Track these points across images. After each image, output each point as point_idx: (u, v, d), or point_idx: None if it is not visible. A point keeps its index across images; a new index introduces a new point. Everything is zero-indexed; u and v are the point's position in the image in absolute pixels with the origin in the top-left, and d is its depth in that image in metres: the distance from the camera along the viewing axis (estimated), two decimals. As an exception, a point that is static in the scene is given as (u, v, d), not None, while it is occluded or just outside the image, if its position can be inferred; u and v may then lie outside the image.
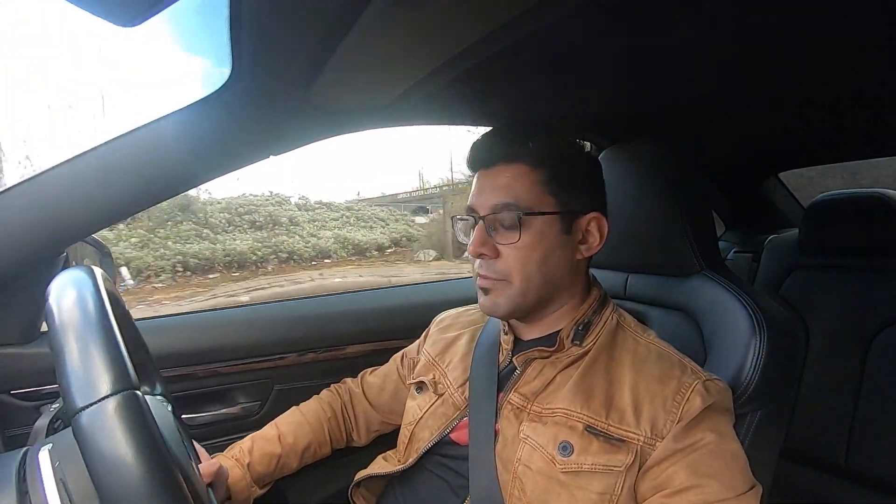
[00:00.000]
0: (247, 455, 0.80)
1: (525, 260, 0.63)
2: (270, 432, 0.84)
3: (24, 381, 0.81)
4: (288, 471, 0.84)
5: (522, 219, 0.62)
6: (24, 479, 0.42)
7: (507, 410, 0.67)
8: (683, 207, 0.79)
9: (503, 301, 0.65)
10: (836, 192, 1.27)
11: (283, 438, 0.83)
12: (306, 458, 0.85)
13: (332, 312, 1.15)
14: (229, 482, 0.75)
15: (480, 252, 0.64)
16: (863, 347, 1.17)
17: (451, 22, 0.53)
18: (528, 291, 0.65)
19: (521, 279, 0.64)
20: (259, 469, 0.80)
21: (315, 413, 0.88)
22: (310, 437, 0.85)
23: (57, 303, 0.42)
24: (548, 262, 0.64)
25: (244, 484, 0.77)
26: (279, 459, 0.82)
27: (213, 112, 0.75)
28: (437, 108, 0.91)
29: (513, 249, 0.63)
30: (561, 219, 0.65)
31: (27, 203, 0.71)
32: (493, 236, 0.65)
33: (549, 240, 0.64)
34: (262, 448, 0.81)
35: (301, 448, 0.84)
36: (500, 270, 0.64)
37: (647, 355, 0.64)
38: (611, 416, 0.60)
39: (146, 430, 0.36)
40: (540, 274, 0.64)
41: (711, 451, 0.56)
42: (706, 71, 0.79)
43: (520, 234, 0.62)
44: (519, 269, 0.64)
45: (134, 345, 0.65)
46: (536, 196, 0.64)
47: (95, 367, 0.37)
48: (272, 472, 0.82)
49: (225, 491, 0.75)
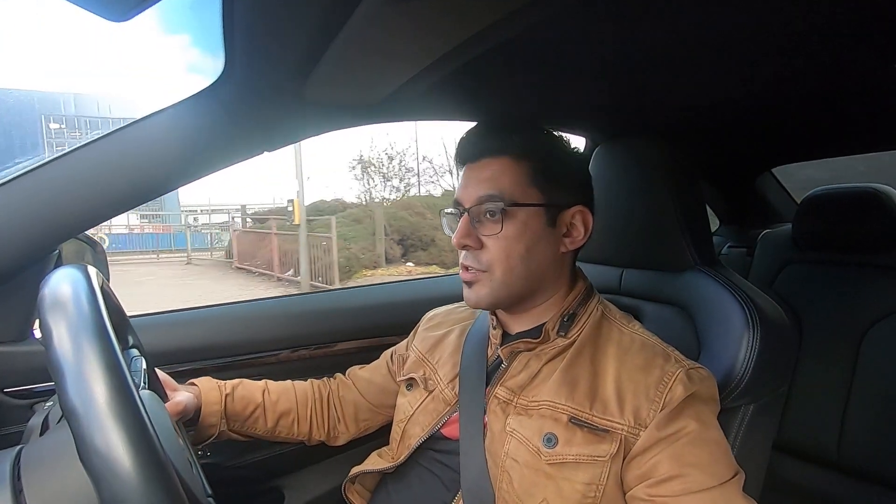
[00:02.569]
0: (228, 388, 0.81)
1: (508, 251, 0.64)
2: (258, 383, 0.85)
3: (18, 379, 0.80)
4: (260, 428, 0.83)
5: (506, 210, 0.63)
6: (18, 478, 0.42)
7: (494, 404, 0.67)
8: (677, 203, 0.79)
9: (485, 292, 0.66)
10: (829, 186, 1.28)
11: (267, 393, 0.84)
12: (282, 425, 0.85)
13: (324, 309, 1.15)
14: (203, 400, 0.77)
15: (464, 243, 0.65)
16: (855, 342, 1.18)
17: (444, 18, 0.53)
18: (511, 282, 0.65)
19: (503, 270, 0.65)
20: (235, 407, 0.80)
21: (304, 389, 0.88)
22: (292, 405, 0.85)
23: (49, 301, 0.42)
24: (531, 253, 0.65)
25: (216, 409, 0.78)
26: (256, 409, 0.82)
27: (207, 107, 0.74)
28: (430, 104, 0.91)
29: (496, 240, 0.64)
30: (546, 211, 0.65)
31: (20, 200, 0.70)
32: (478, 228, 0.65)
33: (533, 231, 0.65)
34: (245, 388, 0.83)
35: (280, 411, 0.84)
36: (483, 261, 0.65)
37: (631, 345, 0.65)
38: (594, 406, 0.60)
39: (141, 426, 0.36)
40: (523, 265, 0.65)
41: (693, 439, 0.56)
42: (699, 67, 0.79)
43: (502, 225, 0.63)
44: (502, 260, 0.64)
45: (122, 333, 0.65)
46: (521, 188, 0.64)
47: (89, 365, 0.37)
48: (244, 419, 0.82)
49: (195, 413, 0.76)
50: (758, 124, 1.17)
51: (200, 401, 0.77)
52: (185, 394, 0.75)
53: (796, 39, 0.69)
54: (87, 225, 0.77)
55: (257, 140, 0.82)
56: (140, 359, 0.63)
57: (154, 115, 0.73)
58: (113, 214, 0.77)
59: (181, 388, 0.77)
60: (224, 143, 0.79)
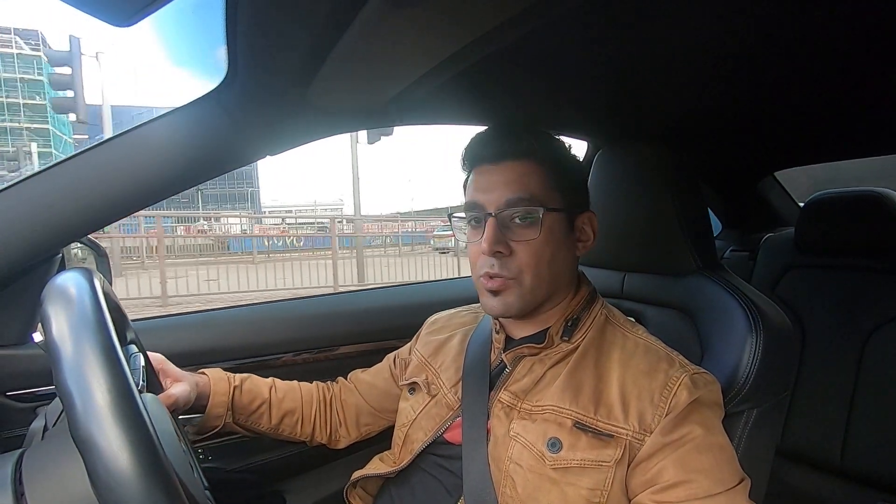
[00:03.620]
0: (237, 380, 0.81)
1: (539, 257, 0.63)
2: (266, 380, 0.85)
3: (20, 382, 0.80)
4: (264, 424, 0.83)
5: (544, 214, 0.62)
6: (20, 482, 0.42)
7: (498, 409, 0.67)
8: (680, 207, 0.79)
9: (514, 300, 0.64)
10: (832, 190, 1.28)
11: (274, 390, 0.84)
12: (286, 424, 0.85)
13: (327, 313, 1.15)
14: (212, 390, 0.78)
15: (497, 250, 0.62)
16: (858, 346, 1.18)
17: (447, 22, 0.53)
18: (537, 289, 0.64)
19: (532, 277, 0.63)
20: (242, 400, 0.80)
21: (309, 390, 0.88)
22: (297, 405, 0.85)
23: (52, 305, 0.42)
24: (556, 259, 0.64)
25: (224, 399, 0.78)
26: (262, 404, 0.82)
27: (210, 111, 0.74)
28: (433, 107, 0.92)
29: (527, 246, 0.62)
30: (566, 217, 0.66)
31: (23, 204, 0.71)
32: (505, 234, 0.63)
33: (557, 237, 0.64)
34: (253, 383, 0.83)
35: (285, 409, 0.84)
36: (513, 269, 0.63)
37: (635, 350, 0.64)
38: (599, 411, 0.60)
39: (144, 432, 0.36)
40: (549, 271, 0.64)
41: (699, 445, 0.56)
42: (700, 71, 0.80)
43: (540, 230, 0.62)
44: (532, 266, 0.63)
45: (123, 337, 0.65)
46: (547, 193, 0.63)
47: (91, 369, 0.37)
48: (249, 413, 0.82)
49: (204, 401, 0.77)
50: (759, 128, 1.17)
51: (210, 390, 0.78)
52: (181, 387, 0.74)
53: (798, 42, 0.69)
54: (90, 229, 0.77)
55: (260, 144, 0.82)
56: (138, 355, 0.63)
57: (157, 120, 0.74)
58: (116, 218, 0.78)
59: (186, 376, 0.77)
60: (227, 147, 0.79)
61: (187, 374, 0.78)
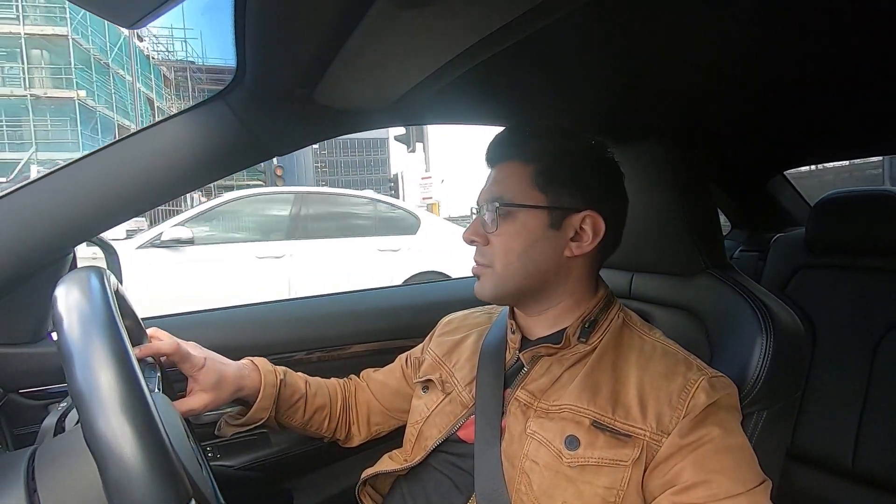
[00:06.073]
0: (281, 373, 0.81)
1: (506, 248, 0.67)
2: (300, 374, 0.85)
3: (33, 380, 0.81)
4: (297, 420, 0.82)
5: (499, 209, 0.67)
6: (32, 478, 0.42)
7: (514, 407, 0.67)
8: (689, 206, 0.79)
9: (488, 285, 0.70)
10: (844, 189, 1.26)
11: (308, 385, 0.84)
12: (315, 420, 0.84)
13: (339, 312, 1.16)
14: (263, 382, 0.77)
15: (470, 238, 0.71)
16: (870, 348, 1.16)
17: (455, 22, 0.53)
18: (509, 278, 0.68)
19: (501, 266, 0.68)
20: (286, 393, 0.80)
21: (334, 387, 0.88)
22: (326, 401, 0.85)
23: (63, 304, 0.42)
24: (528, 253, 0.67)
25: (271, 392, 0.78)
26: (299, 399, 0.82)
27: (219, 112, 0.75)
28: (441, 107, 0.92)
29: (496, 237, 0.68)
30: (549, 214, 0.66)
31: (35, 204, 0.72)
32: (485, 227, 0.70)
33: (533, 232, 0.66)
34: (292, 376, 0.83)
35: (317, 405, 0.84)
36: (486, 256, 0.69)
37: (653, 353, 0.64)
38: (617, 411, 0.60)
39: (154, 431, 0.36)
40: (520, 263, 0.67)
41: (717, 446, 0.56)
42: (709, 69, 0.79)
43: (498, 224, 0.67)
44: (501, 257, 0.68)
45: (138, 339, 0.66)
46: (522, 191, 0.67)
47: (102, 368, 0.37)
48: (287, 407, 0.81)
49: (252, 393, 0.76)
50: (769, 126, 1.16)
51: (260, 383, 0.77)
52: (202, 396, 0.71)
53: (808, 42, 0.68)
54: (101, 228, 0.78)
55: (268, 144, 0.82)
56: (154, 365, 0.63)
57: (167, 121, 0.74)
58: (126, 218, 0.78)
59: (225, 366, 0.75)
60: (235, 147, 0.79)
61: (231, 362, 0.76)
